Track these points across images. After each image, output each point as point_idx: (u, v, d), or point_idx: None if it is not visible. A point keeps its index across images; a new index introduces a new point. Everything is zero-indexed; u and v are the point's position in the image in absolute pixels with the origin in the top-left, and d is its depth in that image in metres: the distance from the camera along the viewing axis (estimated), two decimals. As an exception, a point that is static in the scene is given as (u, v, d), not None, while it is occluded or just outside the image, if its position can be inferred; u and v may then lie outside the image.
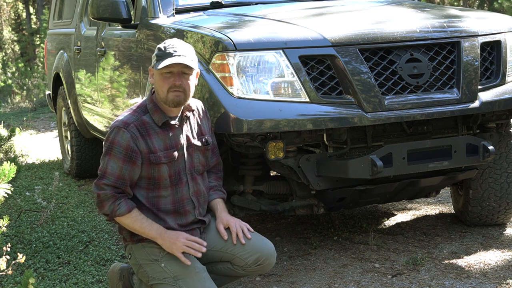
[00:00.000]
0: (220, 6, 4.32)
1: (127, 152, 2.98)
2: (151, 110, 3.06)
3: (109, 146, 3.01)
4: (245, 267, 3.11)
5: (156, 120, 3.05)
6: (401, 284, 3.55)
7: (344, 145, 3.52)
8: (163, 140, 3.05)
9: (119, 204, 2.98)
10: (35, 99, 14.23)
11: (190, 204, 3.11)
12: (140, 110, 3.07)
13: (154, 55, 3.04)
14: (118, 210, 2.98)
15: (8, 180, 2.58)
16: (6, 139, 4.52)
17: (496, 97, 3.64)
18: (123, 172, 2.99)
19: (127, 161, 2.99)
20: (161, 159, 3.02)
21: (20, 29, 24.62)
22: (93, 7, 4.26)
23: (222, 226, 3.12)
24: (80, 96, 5.78)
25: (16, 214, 4.95)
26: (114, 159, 2.99)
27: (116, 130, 3.00)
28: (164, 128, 3.06)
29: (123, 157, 2.98)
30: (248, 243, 3.09)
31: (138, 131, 3.00)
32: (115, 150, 2.99)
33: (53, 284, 3.72)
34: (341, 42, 3.42)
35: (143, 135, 3.01)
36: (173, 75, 3.00)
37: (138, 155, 3.00)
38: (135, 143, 2.99)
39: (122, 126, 3.00)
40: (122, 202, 2.99)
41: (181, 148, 3.09)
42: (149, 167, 3.03)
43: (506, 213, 4.28)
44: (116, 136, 2.99)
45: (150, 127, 3.03)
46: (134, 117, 3.04)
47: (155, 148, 3.02)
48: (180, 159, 3.08)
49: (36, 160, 7.60)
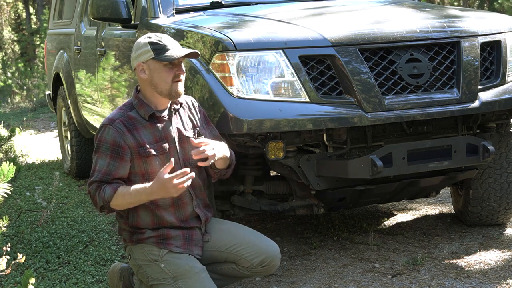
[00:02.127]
0: (220, 6, 4.32)
1: (114, 148, 3.00)
2: (137, 105, 3.07)
3: (97, 145, 3.04)
4: (250, 268, 3.12)
5: (143, 114, 3.05)
6: (401, 284, 3.55)
7: (344, 145, 3.52)
8: (152, 133, 3.05)
9: (104, 189, 2.97)
10: (35, 99, 14.22)
11: (187, 196, 3.11)
12: (125, 107, 3.10)
13: (149, 49, 3.00)
14: (105, 195, 2.96)
15: (8, 180, 2.58)
16: (6, 139, 4.52)
17: (496, 97, 3.64)
18: (110, 168, 2.99)
19: (114, 157, 3.00)
20: (151, 152, 3.02)
21: (20, 29, 24.61)
22: (93, 7, 4.26)
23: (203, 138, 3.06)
24: (80, 96, 5.78)
25: (16, 214, 4.95)
26: (102, 156, 3.01)
27: (103, 129, 3.03)
28: (152, 121, 3.07)
29: (110, 153, 3.00)
30: (253, 244, 3.10)
31: (124, 126, 3.01)
32: (102, 147, 3.01)
33: (53, 284, 3.72)
34: (341, 42, 3.42)
35: (129, 130, 3.02)
36: (175, 65, 3.03)
37: (125, 150, 3.00)
38: (121, 138, 3.00)
39: (108, 123, 3.02)
40: (105, 186, 2.98)
41: (172, 141, 3.09)
42: (140, 161, 3.03)
43: (506, 213, 4.28)
44: (102, 134, 3.02)
45: (137, 122, 3.05)
46: (120, 113, 3.06)
47: (143, 141, 3.02)
48: (173, 152, 3.08)
49: (36, 160, 7.60)
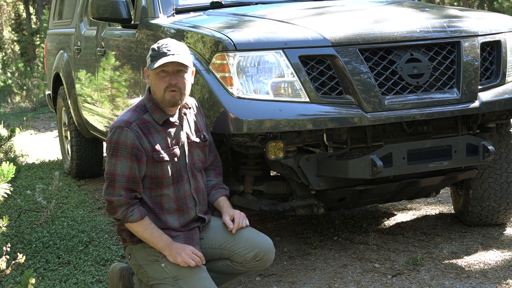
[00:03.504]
0: (220, 6, 4.32)
1: (133, 151, 2.96)
2: (151, 109, 3.05)
3: (114, 148, 2.97)
4: (244, 263, 3.11)
5: (157, 119, 3.04)
6: (401, 284, 3.55)
7: (344, 145, 3.52)
8: (165, 138, 3.05)
9: (132, 211, 2.97)
10: (35, 99, 14.22)
11: (191, 201, 3.12)
12: (139, 109, 3.06)
13: (149, 56, 3.04)
14: (131, 216, 2.97)
15: (8, 180, 2.58)
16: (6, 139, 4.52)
17: (496, 97, 3.64)
18: (133, 171, 2.97)
19: (135, 160, 2.97)
20: (164, 157, 3.02)
21: (20, 29, 24.62)
22: (93, 7, 4.26)
23: (228, 217, 3.13)
24: (80, 96, 5.78)
25: (16, 214, 4.95)
26: (121, 159, 2.96)
27: (119, 130, 2.98)
28: (165, 126, 3.06)
29: (130, 156, 2.96)
30: (246, 239, 3.10)
31: (140, 129, 2.99)
32: (122, 150, 2.96)
33: (53, 284, 3.72)
34: (341, 42, 3.42)
35: (145, 134, 3.00)
36: (168, 74, 3.00)
37: (143, 153, 2.98)
38: (139, 142, 2.97)
39: (125, 126, 2.98)
40: (135, 209, 2.98)
41: (182, 146, 3.09)
42: (153, 166, 3.02)
43: (506, 213, 4.28)
44: (120, 136, 2.97)
45: (151, 126, 3.03)
46: (135, 116, 3.03)
47: (157, 146, 3.01)
48: (182, 157, 3.09)
49: (36, 160, 7.59)
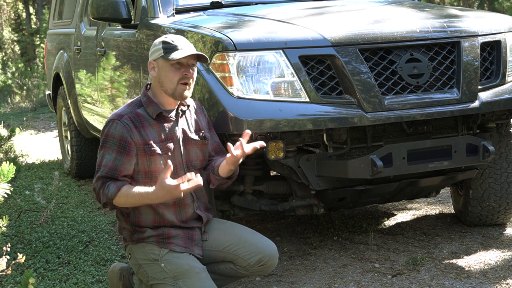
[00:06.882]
0: (220, 6, 4.32)
1: (121, 143, 2.99)
2: (145, 103, 3.08)
3: (104, 139, 3.04)
4: (248, 268, 3.12)
5: (150, 113, 3.06)
6: (401, 284, 3.55)
7: (344, 145, 3.52)
8: (158, 132, 3.06)
9: (108, 187, 2.97)
10: (35, 99, 14.22)
11: (189, 197, 3.12)
12: (134, 104, 3.11)
13: (160, 47, 3.03)
14: (108, 192, 2.95)
15: (8, 180, 2.58)
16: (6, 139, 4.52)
17: (496, 97, 3.64)
18: (116, 163, 2.99)
19: (121, 152, 2.99)
20: (156, 150, 3.02)
21: (20, 29, 24.62)
22: (93, 7, 4.27)
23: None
24: (80, 96, 5.78)
25: (16, 214, 4.95)
26: (108, 151, 3.00)
27: (110, 123, 3.03)
28: (159, 120, 3.08)
29: (117, 148, 2.99)
30: (250, 244, 3.10)
31: (132, 122, 3.02)
32: (110, 142, 3.01)
33: (53, 284, 3.72)
34: (341, 42, 3.42)
35: (137, 127, 3.02)
36: (182, 66, 3.03)
37: (132, 145, 3.00)
38: (128, 134, 3.00)
39: (116, 118, 3.03)
40: (110, 183, 2.97)
41: (177, 141, 3.10)
42: (145, 159, 3.03)
43: (506, 213, 4.28)
44: (110, 129, 3.02)
45: (144, 119, 3.05)
46: (128, 109, 3.07)
47: (149, 139, 3.02)
48: (177, 152, 3.09)
49: (36, 160, 7.59)
